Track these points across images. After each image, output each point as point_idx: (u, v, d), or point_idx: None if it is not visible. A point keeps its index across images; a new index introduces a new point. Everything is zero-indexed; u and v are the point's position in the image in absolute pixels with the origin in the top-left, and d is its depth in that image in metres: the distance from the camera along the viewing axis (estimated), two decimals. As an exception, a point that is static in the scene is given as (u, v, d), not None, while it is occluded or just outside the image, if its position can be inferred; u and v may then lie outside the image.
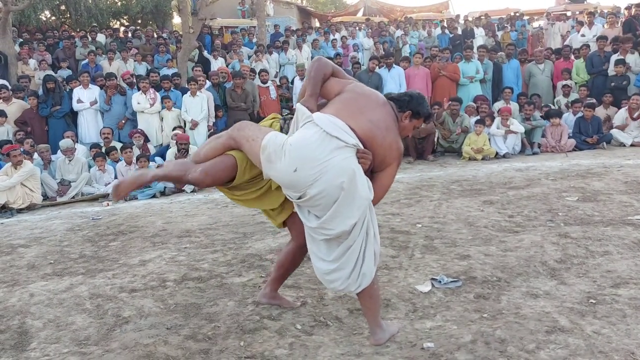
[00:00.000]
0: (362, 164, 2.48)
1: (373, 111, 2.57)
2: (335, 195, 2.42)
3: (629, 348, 2.58)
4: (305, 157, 2.40)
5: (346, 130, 2.46)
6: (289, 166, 2.43)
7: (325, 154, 2.40)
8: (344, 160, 2.42)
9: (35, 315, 3.40)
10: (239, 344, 2.84)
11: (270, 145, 2.48)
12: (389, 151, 2.54)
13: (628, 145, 8.40)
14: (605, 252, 3.84)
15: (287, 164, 2.43)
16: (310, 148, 2.41)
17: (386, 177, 2.60)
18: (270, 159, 2.48)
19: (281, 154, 2.45)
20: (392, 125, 2.61)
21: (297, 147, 2.43)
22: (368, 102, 2.60)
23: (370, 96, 2.66)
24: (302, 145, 2.43)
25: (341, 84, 2.71)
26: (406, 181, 6.82)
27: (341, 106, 2.57)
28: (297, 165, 2.41)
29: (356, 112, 2.54)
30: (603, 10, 16.32)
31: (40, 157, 7.83)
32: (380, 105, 2.63)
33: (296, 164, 2.41)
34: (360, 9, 24.30)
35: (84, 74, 9.26)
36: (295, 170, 2.41)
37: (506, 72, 10.17)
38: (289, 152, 2.43)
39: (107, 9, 18.90)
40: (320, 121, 2.47)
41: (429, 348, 2.68)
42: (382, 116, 2.58)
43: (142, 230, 5.41)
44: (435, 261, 3.87)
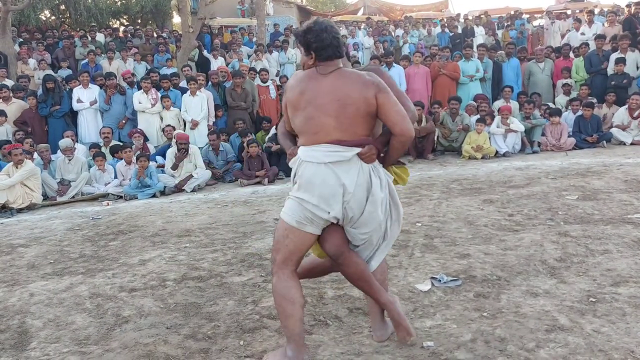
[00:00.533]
0: (370, 160, 2.43)
1: (322, 106, 2.41)
2: (363, 205, 2.44)
3: (628, 346, 2.57)
4: (321, 197, 2.40)
5: (330, 149, 2.39)
6: (324, 213, 2.43)
7: (332, 183, 2.39)
8: (353, 177, 2.40)
9: (35, 314, 3.40)
10: (239, 343, 2.84)
11: (295, 215, 2.47)
12: (364, 100, 2.37)
13: (628, 143, 8.39)
14: (605, 251, 3.84)
15: (320, 212, 2.43)
16: (319, 189, 2.40)
17: (387, 111, 2.39)
18: (310, 222, 2.47)
19: (308, 212, 2.44)
20: (340, 83, 2.41)
21: (311, 194, 2.42)
22: (313, 105, 2.43)
23: (307, 93, 2.45)
24: (312, 189, 2.41)
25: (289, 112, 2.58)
26: (406, 180, 6.81)
27: (306, 130, 2.46)
28: (327, 209, 2.42)
29: (319, 126, 2.42)
30: (603, 8, 16.31)
31: (40, 157, 7.83)
32: (320, 90, 2.43)
33: (324, 207, 2.42)
34: (360, 7, 24.32)
35: (84, 74, 9.26)
36: (329, 212, 2.43)
37: (506, 70, 10.16)
38: (310, 203, 2.42)
39: (107, 9, 18.89)
40: (308, 156, 2.43)
41: (429, 347, 2.68)
42: (330, 96, 2.41)
43: (142, 229, 5.41)
44: (435, 260, 3.87)
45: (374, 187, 2.43)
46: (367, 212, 2.44)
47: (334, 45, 2.46)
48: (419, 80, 9.70)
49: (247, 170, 7.76)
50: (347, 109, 2.38)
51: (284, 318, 2.51)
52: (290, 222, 2.48)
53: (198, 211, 6.13)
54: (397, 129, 2.39)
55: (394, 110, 2.39)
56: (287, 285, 2.49)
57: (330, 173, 2.39)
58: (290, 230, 2.48)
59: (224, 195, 7.01)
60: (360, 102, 2.37)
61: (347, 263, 2.51)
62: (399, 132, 2.40)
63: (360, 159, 2.41)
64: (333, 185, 2.39)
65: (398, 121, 2.39)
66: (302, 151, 2.48)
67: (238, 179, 7.73)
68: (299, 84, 2.50)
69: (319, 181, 2.40)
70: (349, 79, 2.42)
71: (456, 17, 17.06)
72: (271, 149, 8.08)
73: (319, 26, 2.48)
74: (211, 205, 6.44)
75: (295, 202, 2.47)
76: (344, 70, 2.47)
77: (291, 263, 2.52)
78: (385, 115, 2.40)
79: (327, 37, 2.45)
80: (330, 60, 2.47)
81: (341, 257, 2.51)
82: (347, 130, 2.40)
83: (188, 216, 5.89)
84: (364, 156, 2.41)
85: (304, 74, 2.53)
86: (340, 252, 2.50)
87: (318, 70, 2.48)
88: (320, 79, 2.46)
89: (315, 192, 2.41)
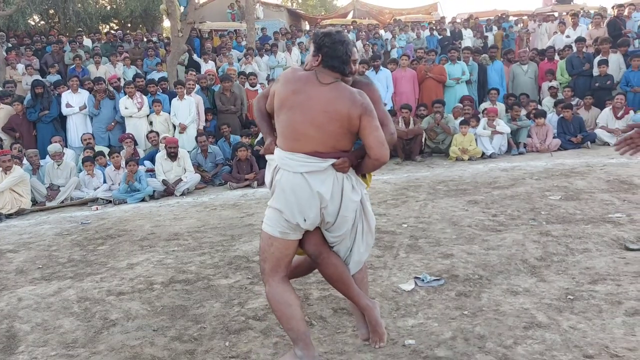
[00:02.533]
0: (343, 170, 2.47)
1: (309, 114, 2.44)
2: (337, 211, 2.49)
3: (603, 342, 2.65)
4: (298, 206, 2.44)
5: (306, 160, 2.43)
6: (301, 221, 2.47)
7: (308, 193, 2.43)
8: (329, 185, 2.45)
9: (23, 319, 3.43)
10: (224, 344, 2.89)
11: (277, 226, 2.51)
12: (348, 119, 2.41)
13: (612, 144, 8.52)
14: (584, 250, 3.93)
15: (297, 220, 2.47)
16: (295, 198, 2.44)
17: (367, 135, 2.43)
18: (293, 230, 2.51)
19: (282, 221, 2.49)
20: (332, 97, 2.44)
21: (289, 204, 2.45)
22: (301, 109, 2.45)
23: (300, 94, 2.47)
24: (289, 198, 2.45)
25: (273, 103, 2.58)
26: (393, 182, 6.90)
27: (287, 133, 2.49)
28: (303, 216, 2.46)
29: (300, 133, 2.45)
30: (589, 10, 16.52)
31: (29, 162, 7.84)
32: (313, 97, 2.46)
33: (301, 215, 2.46)
34: (350, 11, 24.41)
35: (73, 79, 9.27)
36: (305, 220, 2.47)
37: (491, 73, 10.30)
38: (288, 213, 2.46)
39: (96, 13, 18.86)
40: (284, 164, 2.46)
41: (410, 345, 2.74)
42: (320, 107, 2.43)
43: (130, 234, 5.44)
44: (419, 260, 3.94)
45: (346, 192, 2.48)
46: (341, 217, 2.49)
47: (343, 60, 2.48)
48: (406, 83, 9.79)
49: (236, 173, 7.81)
50: (332, 124, 2.42)
51: (285, 321, 2.54)
52: (273, 233, 2.52)
53: (187, 215, 6.16)
54: (373, 153, 2.45)
55: (373, 136, 2.44)
56: (280, 290, 2.53)
57: (304, 183, 2.42)
58: (274, 239, 2.53)
59: (213, 199, 7.05)
60: (345, 120, 2.42)
61: (325, 263, 2.57)
62: (374, 157, 2.46)
63: (334, 168, 2.46)
64: (308, 195, 2.43)
65: (375, 147, 2.44)
66: (279, 156, 2.50)
67: (227, 182, 7.77)
68: (294, 82, 2.50)
69: (294, 191, 2.43)
70: (341, 94, 2.45)
71: (442, 20, 17.20)
72: (260, 152, 8.12)
73: (339, 37, 2.50)
74: (200, 208, 6.48)
75: (274, 212, 2.52)
76: (339, 85, 2.50)
77: (280, 269, 2.57)
78: (365, 137, 2.45)
79: (340, 50, 2.47)
80: (332, 71, 2.49)
81: (320, 257, 2.57)
82: (326, 143, 2.44)
83: (177, 220, 5.93)
84: (337, 167, 2.46)
85: (304, 74, 2.53)
86: (319, 252, 2.56)
87: (318, 77, 2.49)
88: (316, 87, 2.47)
89: (291, 201, 2.44)
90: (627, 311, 2.94)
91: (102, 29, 19.29)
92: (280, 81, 2.56)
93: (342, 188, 2.48)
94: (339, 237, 2.56)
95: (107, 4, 20.45)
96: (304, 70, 2.57)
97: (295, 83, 2.50)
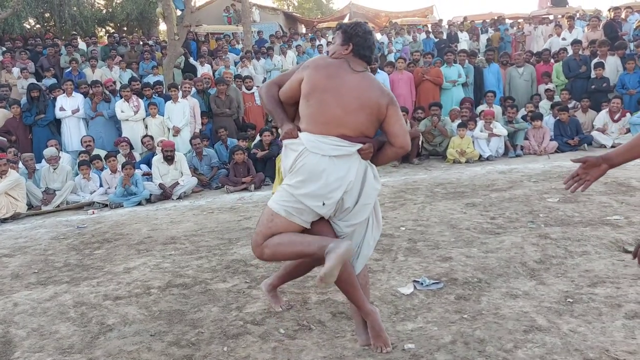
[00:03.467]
0: (367, 157, 2.56)
1: (342, 98, 2.50)
2: (357, 197, 2.56)
3: (603, 345, 2.64)
4: (323, 188, 2.48)
5: (337, 143, 2.49)
6: (319, 204, 2.50)
7: (336, 175, 2.48)
8: (354, 170, 2.51)
9: (19, 324, 3.39)
10: (222, 349, 2.87)
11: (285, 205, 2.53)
12: (378, 107, 2.52)
13: (609, 146, 8.54)
14: (583, 252, 3.92)
15: (314, 203, 2.50)
16: (323, 180, 2.47)
17: (393, 123, 2.56)
18: (300, 213, 2.53)
19: (299, 204, 2.52)
20: (365, 85, 2.53)
21: (312, 186, 2.48)
22: (334, 93, 2.51)
23: (334, 79, 2.52)
24: (315, 180, 2.48)
25: (299, 86, 2.58)
26: (391, 185, 6.88)
27: (317, 117, 2.52)
28: (323, 200, 2.50)
29: (331, 116, 2.50)
30: (585, 13, 16.58)
31: (24, 166, 7.79)
32: (346, 83, 2.52)
33: (321, 199, 2.49)
34: (347, 14, 24.44)
35: (68, 82, 9.24)
36: (323, 204, 2.51)
37: (487, 76, 10.33)
38: (307, 195, 2.49)
39: (92, 17, 18.83)
40: (314, 147, 2.49)
41: (410, 349, 2.72)
42: (353, 93, 2.50)
43: (127, 237, 5.41)
44: (418, 263, 3.93)
45: (368, 179, 2.56)
46: (360, 204, 2.56)
47: (372, 50, 2.62)
48: (403, 86, 9.80)
49: (233, 176, 7.78)
50: (363, 110, 2.52)
51: (307, 245, 2.50)
52: (278, 210, 2.54)
53: (184, 218, 6.13)
54: (398, 142, 2.58)
55: (399, 124, 2.58)
56: (277, 238, 2.55)
57: (333, 165, 2.48)
58: (276, 215, 2.55)
59: (210, 202, 7.03)
60: (375, 108, 2.53)
61: None
62: (399, 145, 2.58)
63: (359, 154, 2.54)
64: (335, 178, 2.48)
65: (401, 135, 2.58)
66: (308, 140, 2.51)
67: (224, 186, 7.75)
68: (327, 67, 2.55)
69: (323, 172, 2.47)
70: (372, 83, 2.57)
71: (439, 23, 17.25)
72: (257, 156, 8.11)
73: (368, 28, 2.64)
74: (197, 212, 6.45)
75: (287, 193, 2.54)
76: (369, 74, 2.62)
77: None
78: (391, 126, 2.57)
79: (370, 40, 2.60)
80: (362, 60, 2.59)
81: None
82: (355, 128, 2.53)
83: (173, 223, 5.90)
84: (363, 152, 2.54)
85: (336, 62, 2.58)
86: None
87: (350, 65, 2.56)
88: (349, 73, 2.54)
89: (319, 182, 2.47)
90: (627, 314, 2.93)
91: (98, 32, 19.24)
92: (311, 67, 2.57)
93: (364, 174, 2.55)
94: (353, 225, 2.60)
95: (103, 8, 20.42)
96: (330, 57, 2.64)
97: (328, 68, 2.55)
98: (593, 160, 2.06)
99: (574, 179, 2.14)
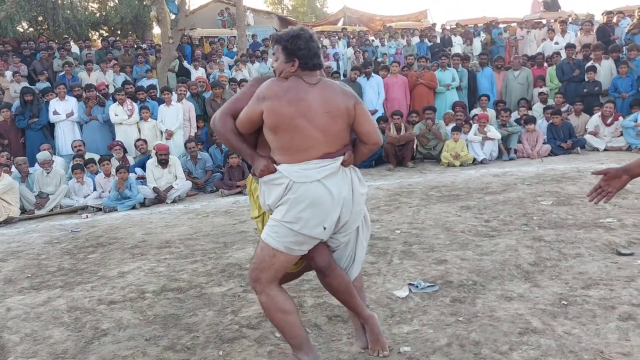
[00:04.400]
0: (349, 164, 2.47)
1: (315, 120, 2.36)
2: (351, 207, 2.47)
3: (597, 347, 2.65)
4: (321, 214, 2.37)
5: (321, 164, 2.38)
6: (320, 231, 2.40)
7: (330, 197, 2.37)
8: (344, 184, 2.43)
9: (12, 329, 3.37)
10: (218, 354, 2.86)
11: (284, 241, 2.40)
12: (347, 111, 2.40)
13: (601, 150, 8.61)
14: (577, 255, 3.94)
15: (315, 231, 2.39)
16: (317, 206, 2.36)
17: (363, 122, 2.45)
18: (300, 245, 2.42)
19: (299, 236, 2.40)
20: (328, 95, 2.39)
21: (308, 214, 2.36)
22: (304, 118, 2.36)
23: (298, 104, 2.36)
24: (310, 208, 2.36)
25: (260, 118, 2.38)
26: (386, 188, 6.89)
27: (294, 146, 2.37)
28: (323, 224, 2.39)
29: (310, 142, 2.37)
30: (577, 17, 16.69)
31: (17, 170, 7.75)
32: (311, 102, 2.37)
33: (321, 224, 2.39)
34: (341, 18, 24.52)
35: (60, 86, 9.20)
36: (324, 228, 2.41)
37: (480, 80, 10.39)
38: (305, 226, 2.37)
39: (86, 20, 18.78)
40: (301, 177, 2.36)
41: (406, 352, 2.72)
42: (321, 108, 2.38)
43: (121, 241, 5.39)
44: (413, 266, 3.93)
45: (355, 186, 2.47)
46: (355, 212, 2.48)
47: (319, 55, 2.45)
48: (398, 90, 9.83)
49: (227, 180, 7.77)
50: (335, 122, 2.40)
51: (288, 329, 2.50)
52: (277, 247, 2.40)
53: (178, 222, 6.11)
54: (372, 139, 2.49)
55: (368, 121, 2.48)
56: (279, 299, 2.47)
57: (324, 188, 2.36)
58: (277, 252, 2.41)
59: (204, 206, 7.01)
60: (345, 113, 2.41)
61: (334, 275, 2.53)
62: (373, 142, 2.50)
63: (343, 166, 2.44)
64: (330, 200, 2.37)
65: (373, 131, 2.49)
66: (291, 172, 2.36)
67: (219, 189, 7.73)
68: (286, 93, 2.35)
69: (316, 200, 2.35)
70: (334, 89, 2.42)
71: (432, 27, 17.32)
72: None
73: (307, 33, 2.41)
74: (192, 215, 6.43)
75: (284, 229, 2.38)
76: (327, 80, 2.47)
77: (277, 279, 2.51)
78: (362, 125, 2.46)
79: (314, 46, 2.41)
80: (314, 69, 2.42)
81: (329, 269, 2.52)
82: (333, 142, 2.41)
83: (168, 227, 5.88)
84: (346, 163, 2.44)
85: (288, 83, 2.39)
86: (329, 262, 2.52)
87: (305, 80, 2.39)
88: (308, 90, 2.37)
89: (315, 209, 2.34)
90: (621, 316, 2.95)
91: (92, 35, 19.19)
92: (270, 97, 2.35)
93: (351, 183, 2.47)
94: (348, 235, 2.53)
95: (97, 11, 20.37)
96: (281, 78, 2.43)
97: (287, 94, 2.35)
98: (614, 172, 2.12)
99: (597, 191, 2.17)
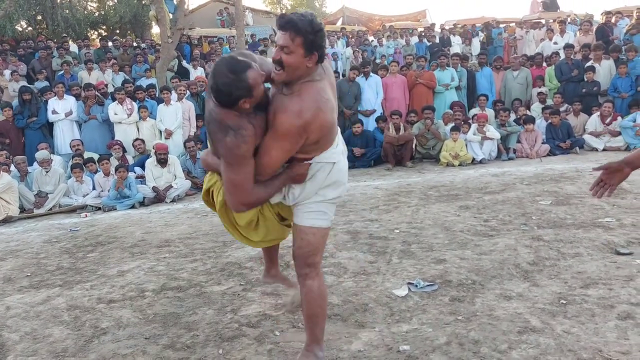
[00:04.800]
0: None
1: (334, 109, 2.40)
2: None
3: (596, 346, 2.66)
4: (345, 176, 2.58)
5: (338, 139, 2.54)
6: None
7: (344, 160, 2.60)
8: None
9: (12, 328, 3.37)
10: (218, 352, 2.86)
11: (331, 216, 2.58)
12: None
13: (600, 150, 8.63)
14: (576, 254, 3.95)
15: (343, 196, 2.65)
16: (344, 172, 2.57)
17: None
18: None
19: (334, 208, 2.59)
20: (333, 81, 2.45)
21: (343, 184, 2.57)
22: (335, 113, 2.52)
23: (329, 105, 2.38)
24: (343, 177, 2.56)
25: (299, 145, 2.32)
26: (385, 187, 6.90)
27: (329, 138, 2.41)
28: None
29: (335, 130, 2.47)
30: (576, 17, 16.72)
31: (16, 169, 7.74)
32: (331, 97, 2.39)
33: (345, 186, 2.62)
34: (340, 18, 24.50)
35: (59, 85, 9.20)
36: None
37: (479, 79, 10.40)
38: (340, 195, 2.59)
39: (85, 19, 18.75)
40: (335, 157, 2.48)
41: (405, 351, 2.73)
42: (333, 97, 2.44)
43: (121, 240, 5.39)
44: (412, 266, 3.94)
45: None
46: None
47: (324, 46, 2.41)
48: (397, 89, 9.84)
49: (227, 179, 7.76)
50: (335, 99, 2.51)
51: (323, 319, 2.57)
52: (328, 225, 2.56)
53: (178, 221, 6.11)
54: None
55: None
56: (324, 287, 2.58)
57: (343, 156, 2.57)
58: (327, 230, 2.57)
59: (204, 205, 6.94)
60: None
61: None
62: None
63: None
64: (345, 161, 2.59)
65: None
66: (328, 157, 2.42)
67: (218, 189, 7.72)
68: (327, 102, 2.27)
69: (344, 167, 2.55)
70: (330, 70, 2.49)
71: (432, 27, 17.33)
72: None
73: (317, 21, 2.22)
74: (191, 215, 6.43)
75: (332, 205, 2.55)
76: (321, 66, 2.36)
77: None
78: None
79: (325, 37, 2.33)
80: (320, 62, 2.29)
81: None
82: None
83: (167, 226, 5.88)
84: None
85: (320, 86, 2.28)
86: None
87: (321, 70, 2.31)
88: (325, 85, 2.31)
89: (345, 175, 2.55)
90: (620, 315, 2.96)
91: (91, 35, 19.17)
92: (312, 121, 2.20)
93: None
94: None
95: (96, 10, 20.35)
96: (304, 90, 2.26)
97: (326, 104, 2.27)
98: (615, 166, 2.15)
99: (599, 184, 2.18)
